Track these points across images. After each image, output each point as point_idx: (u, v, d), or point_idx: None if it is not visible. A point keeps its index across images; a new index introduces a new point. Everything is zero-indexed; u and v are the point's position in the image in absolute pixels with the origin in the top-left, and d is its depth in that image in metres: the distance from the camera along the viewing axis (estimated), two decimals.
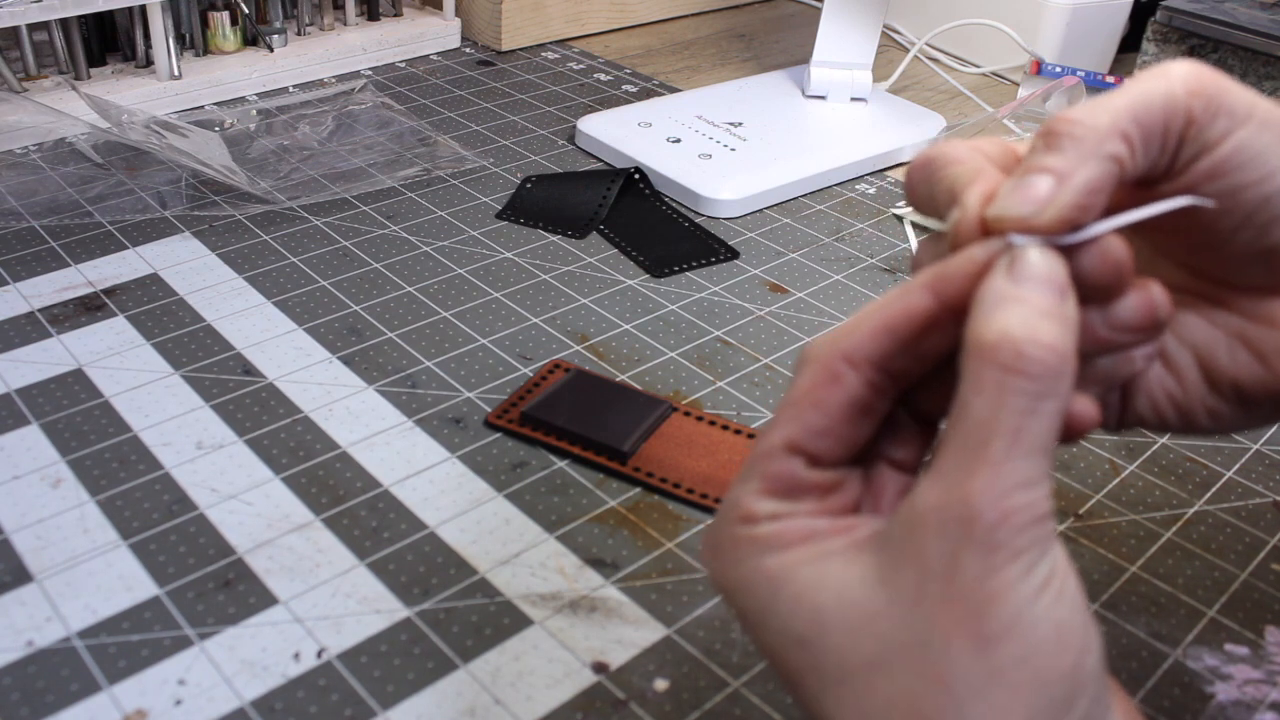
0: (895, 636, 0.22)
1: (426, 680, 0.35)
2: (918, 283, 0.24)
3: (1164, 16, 0.84)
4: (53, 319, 0.51)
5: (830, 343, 0.25)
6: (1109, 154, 0.24)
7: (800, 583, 0.23)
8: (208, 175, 0.62)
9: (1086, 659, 0.22)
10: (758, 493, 0.25)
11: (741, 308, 0.55)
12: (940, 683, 0.21)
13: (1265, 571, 0.41)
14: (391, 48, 0.83)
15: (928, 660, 0.22)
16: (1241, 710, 0.35)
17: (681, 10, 0.99)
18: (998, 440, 0.22)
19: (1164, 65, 0.25)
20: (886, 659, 0.22)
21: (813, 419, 0.24)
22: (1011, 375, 0.22)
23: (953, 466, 0.22)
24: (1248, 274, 0.27)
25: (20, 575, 0.37)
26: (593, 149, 0.70)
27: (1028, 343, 0.22)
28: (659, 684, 0.35)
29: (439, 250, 0.59)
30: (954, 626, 0.21)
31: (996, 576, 0.21)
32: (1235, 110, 0.25)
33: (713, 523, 0.26)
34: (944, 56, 0.91)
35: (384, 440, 0.45)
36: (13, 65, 0.71)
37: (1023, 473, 0.22)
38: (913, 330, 0.24)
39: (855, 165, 0.70)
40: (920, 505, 0.22)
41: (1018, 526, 0.21)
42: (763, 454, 0.25)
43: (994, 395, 0.22)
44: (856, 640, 0.23)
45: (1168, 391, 0.28)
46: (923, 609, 0.22)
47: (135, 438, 0.44)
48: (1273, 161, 0.25)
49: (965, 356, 0.23)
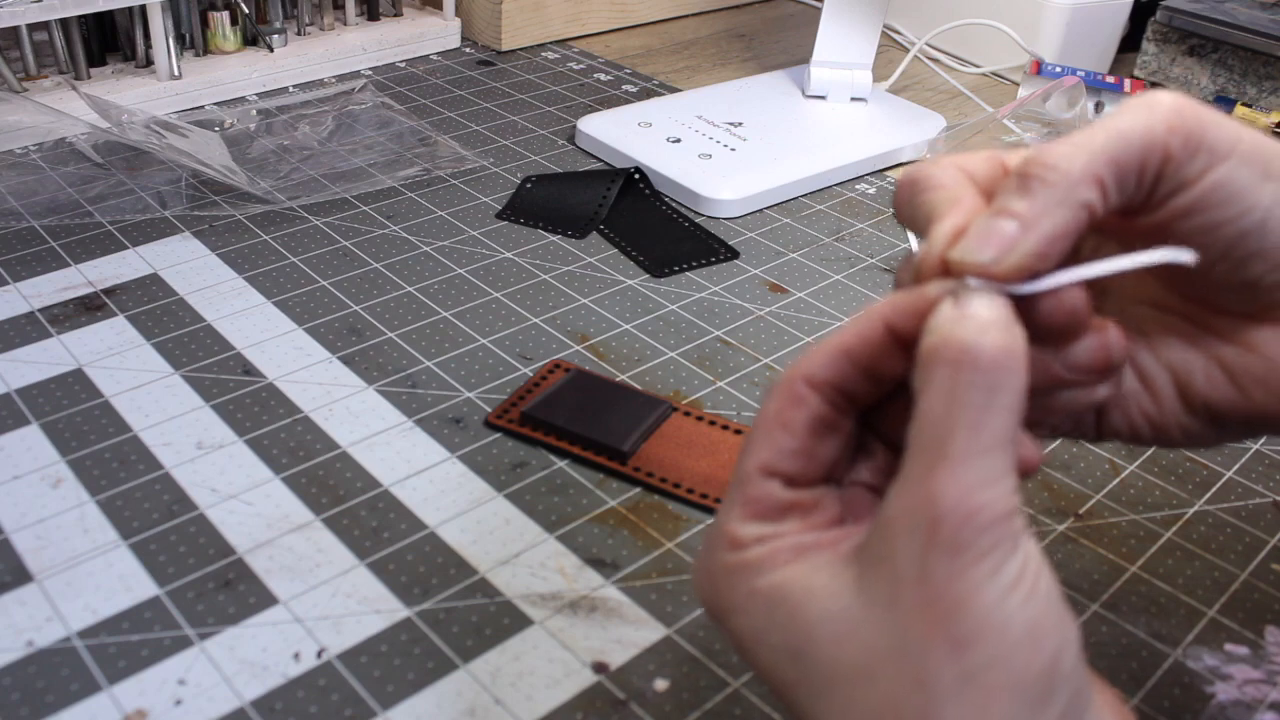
0: (876, 643, 0.22)
1: (426, 680, 0.35)
2: (873, 313, 0.25)
3: (1164, 16, 0.84)
4: (53, 319, 0.51)
5: (792, 368, 0.25)
6: (1079, 201, 0.24)
7: (793, 599, 0.24)
8: (208, 175, 0.62)
9: (1063, 656, 0.22)
10: (742, 518, 0.25)
11: (741, 308, 0.55)
12: (919, 686, 0.22)
13: (1265, 571, 0.41)
14: (391, 48, 0.83)
15: (906, 665, 0.22)
16: (1241, 710, 0.35)
17: (681, 10, 0.99)
18: (955, 437, 0.22)
19: (1147, 97, 0.25)
20: (869, 666, 0.22)
21: (783, 440, 0.25)
22: (962, 371, 0.22)
23: (915, 469, 0.22)
24: (1226, 300, 0.27)
25: (20, 575, 0.37)
26: (593, 149, 0.70)
27: (975, 340, 0.22)
28: (659, 684, 0.35)
29: (439, 250, 0.59)
30: (928, 630, 0.22)
31: (964, 578, 0.21)
32: (1216, 147, 0.25)
33: (701, 552, 0.26)
34: (944, 56, 0.91)
35: (384, 440, 0.45)
36: (13, 65, 0.71)
37: (984, 470, 0.22)
38: (868, 355, 0.25)
39: (855, 165, 0.70)
40: (889, 510, 0.23)
41: (982, 526, 0.22)
42: (741, 479, 0.25)
43: (947, 393, 0.22)
44: (841, 649, 0.23)
45: (1143, 409, 0.28)
46: (898, 614, 0.22)
47: (135, 438, 0.44)
48: (1250, 198, 0.25)
49: (917, 371, 0.23)
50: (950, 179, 0.26)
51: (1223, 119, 0.25)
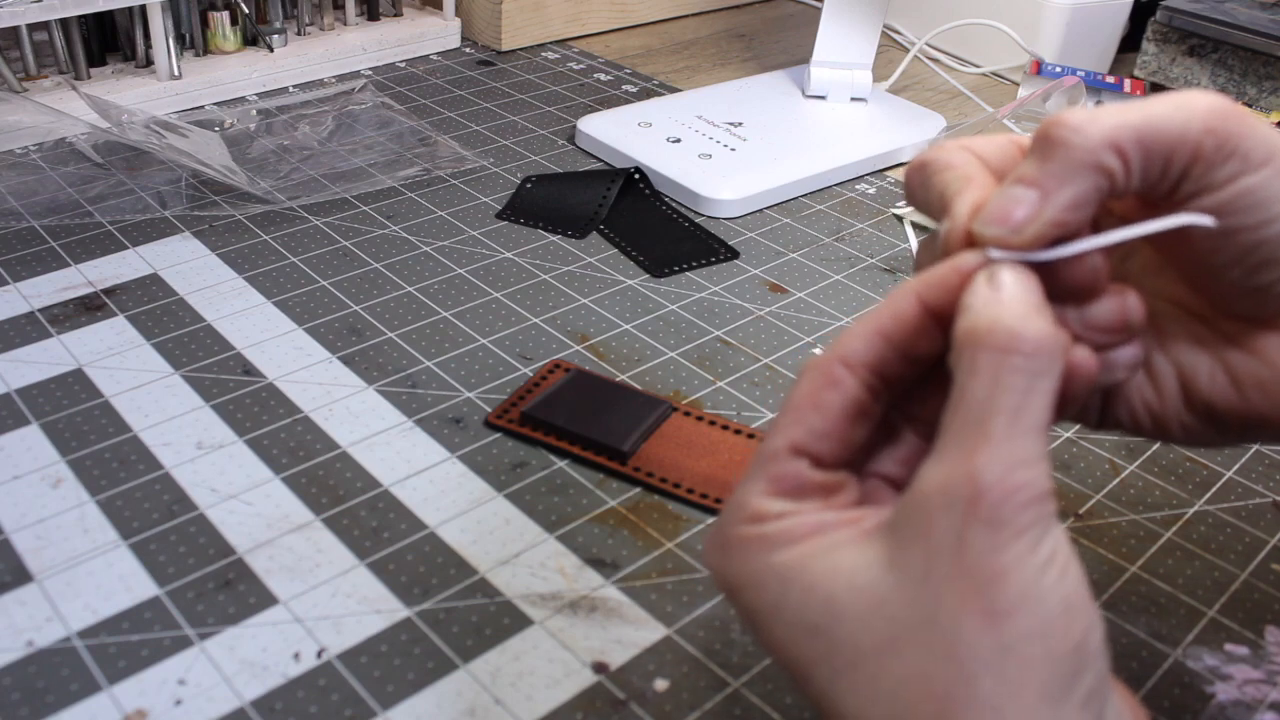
0: (905, 616, 0.23)
1: (426, 680, 0.35)
2: (907, 289, 0.25)
3: (1164, 16, 0.84)
4: (53, 319, 0.51)
5: (829, 350, 0.26)
6: (1098, 165, 0.24)
7: (812, 574, 0.24)
8: (208, 175, 0.62)
9: (1091, 635, 0.23)
10: (765, 493, 0.25)
11: (741, 308, 0.55)
12: (951, 658, 0.22)
13: (1265, 571, 0.41)
14: (391, 48, 0.83)
15: (938, 637, 0.22)
16: (1241, 710, 0.35)
17: (681, 10, 0.99)
18: (998, 418, 0.22)
19: (1189, 95, 0.25)
20: (897, 639, 0.23)
21: (815, 421, 0.25)
22: (1009, 355, 0.23)
23: (955, 447, 0.23)
24: (1235, 304, 0.28)
25: (20, 575, 0.37)
26: (593, 149, 0.70)
27: (1021, 326, 0.23)
28: (659, 684, 0.35)
29: (439, 250, 0.59)
30: (963, 603, 0.22)
31: (1004, 552, 0.22)
32: (1251, 154, 0.25)
33: (717, 523, 0.26)
34: (944, 56, 0.91)
35: (384, 440, 0.45)
36: (13, 65, 0.71)
37: (1024, 450, 0.22)
38: (904, 335, 0.25)
39: (855, 165, 0.70)
40: (925, 486, 0.23)
41: (1022, 503, 0.22)
42: (768, 456, 0.26)
43: (992, 376, 0.23)
44: (868, 624, 0.23)
45: (1146, 402, 0.29)
46: (931, 587, 0.22)
47: (135, 438, 0.44)
48: (1275, 208, 0.25)
49: (957, 351, 0.24)
50: (960, 159, 0.27)
51: (1262, 128, 0.25)
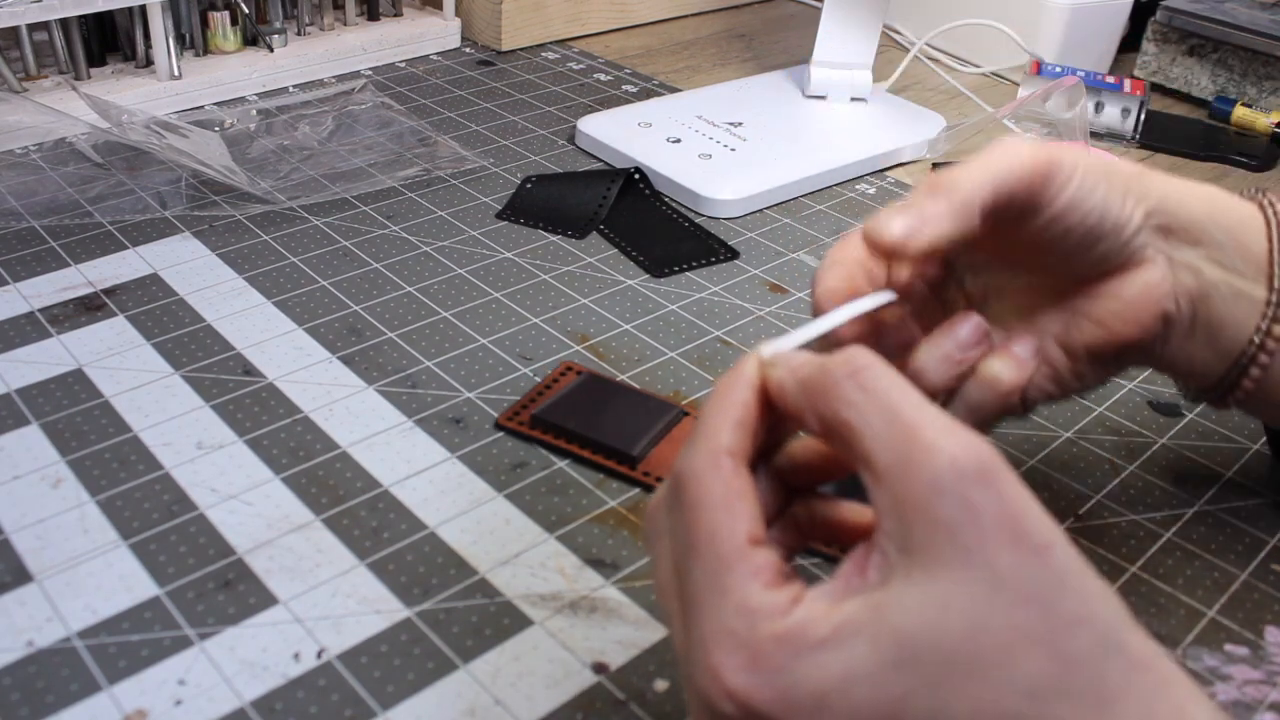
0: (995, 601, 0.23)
1: (426, 680, 0.35)
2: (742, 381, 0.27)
3: (1164, 16, 0.84)
4: (53, 319, 0.51)
5: (704, 445, 0.26)
6: (972, 209, 0.32)
7: (879, 624, 0.23)
8: (208, 175, 0.62)
9: None
10: (764, 588, 0.24)
11: (741, 308, 0.55)
12: (1034, 601, 0.23)
13: (1265, 571, 0.41)
14: (391, 48, 0.83)
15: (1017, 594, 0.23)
16: (1241, 710, 0.35)
17: (681, 10, 0.99)
18: (905, 412, 0.24)
19: (1013, 143, 0.33)
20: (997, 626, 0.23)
21: (746, 508, 0.26)
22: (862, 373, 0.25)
23: (898, 458, 0.24)
24: (1081, 271, 0.36)
25: (20, 575, 0.37)
26: (593, 149, 0.70)
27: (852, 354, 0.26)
28: (659, 684, 0.35)
29: (439, 250, 0.59)
30: (1014, 554, 0.23)
31: (1015, 498, 0.23)
32: (1064, 174, 0.33)
33: (717, 646, 0.24)
34: (944, 56, 0.91)
35: (384, 440, 0.45)
36: (13, 65, 0.71)
37: (948, 422, 0.24)
38: (754, 421, 0.27)
39: (855, 165, 0.70)
40: (905, 500, 0.24)
41: (994, 454, 0.24)
42: (732, 560, 0.25)
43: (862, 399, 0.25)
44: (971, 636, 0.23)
45: (1045, 376, 0.36)
46: (980, 557, 0.23)
47: (135, 438, 0.44)
48: (1090, 200, 0.33)
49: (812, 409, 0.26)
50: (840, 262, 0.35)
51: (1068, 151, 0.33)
